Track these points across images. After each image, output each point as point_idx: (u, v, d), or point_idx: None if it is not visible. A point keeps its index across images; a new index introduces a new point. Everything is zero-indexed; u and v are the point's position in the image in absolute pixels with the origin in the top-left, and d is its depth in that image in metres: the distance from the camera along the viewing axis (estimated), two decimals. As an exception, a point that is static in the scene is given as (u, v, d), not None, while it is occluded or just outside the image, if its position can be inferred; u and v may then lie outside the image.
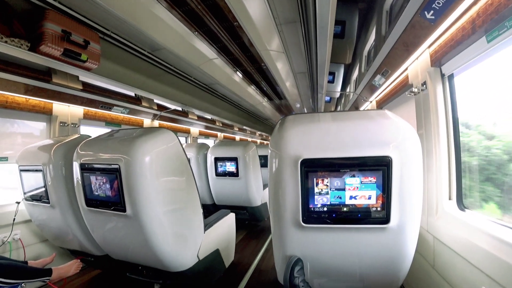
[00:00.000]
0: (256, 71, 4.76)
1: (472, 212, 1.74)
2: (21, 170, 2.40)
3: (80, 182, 1.96)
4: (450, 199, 1.89)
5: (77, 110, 3.43)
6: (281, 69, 4.54)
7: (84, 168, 1.92)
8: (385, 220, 1.32)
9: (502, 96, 1.60)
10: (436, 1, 1.41)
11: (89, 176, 1.91)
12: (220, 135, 9.10)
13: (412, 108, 2.28)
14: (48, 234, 2.60)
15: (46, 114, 3.08)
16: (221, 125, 8.11)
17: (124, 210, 1.77)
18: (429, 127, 1.96)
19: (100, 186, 1.87)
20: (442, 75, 1.89)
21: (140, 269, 2.17)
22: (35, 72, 2.64)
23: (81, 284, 2.72)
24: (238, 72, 4.71)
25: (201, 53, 3.48)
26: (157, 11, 2.48)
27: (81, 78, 3.17)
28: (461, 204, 1.84)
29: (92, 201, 1.94)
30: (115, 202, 1.82)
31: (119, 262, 2.22)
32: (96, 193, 1.91)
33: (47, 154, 2.21)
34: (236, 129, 9.87)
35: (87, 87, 3.27)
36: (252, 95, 6.17)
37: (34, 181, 2.32)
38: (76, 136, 2.43)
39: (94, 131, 3.89)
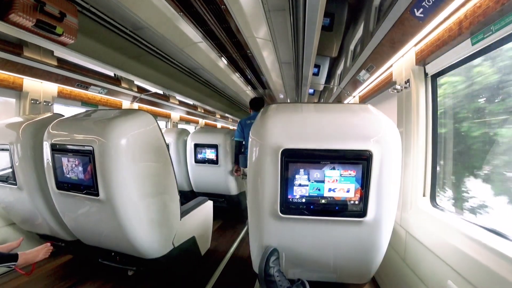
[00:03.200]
0: (241, 58, 4.68)
1: (443, 209, 1.81)
2: None
3: (50, 164, 1.86)
4: (424, 195, 1.95)
5: (51, 88, 3.24)
6: (267, 57, 4.49)
7: (55, 149, 1.81)
8: (362, 213, 1.34)
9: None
10: (426, 0, 1.41)
11: (60, 157, 1.81)
12: (202, 121, 8.97)
13: (394, 105, 2.31)
14: (15, 217, 2.48)
15: (15, 90, 2.88)
16: (203, 111, 7.99)
17: (97, 194, 1.70)
18: (409, 125, 2.00)
19: (72, 168, 1.78)
20: (426, 74, 1.92)
21: (113, 255, 2.12)
22: (4, 43, 2.45)
23: (50, 270, 2.63)
24: (223, 58, 4.61)
25: (185, 36, 3.37)
26: (141, -13, 2.36)
27: (56, 53, 2.98)
28: (434, 201, 1.90)
29: (63, 184, 1.85)
30: (88, 186, 1.74)
31: (91, 248, 2.15)
32: (68, 176, 1.82)
33: (15, 133, 2.07)
34: (218, 116, 9.76)
35: (63, 63, 3.08)
36: (236, 83, 6.09)
37: (0, 161, 2.18)
38: (48, 114, 2.29)
39: (71, 112, 3.71)
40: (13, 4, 1.94)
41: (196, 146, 3.98)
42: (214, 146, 3.86)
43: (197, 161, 4.02)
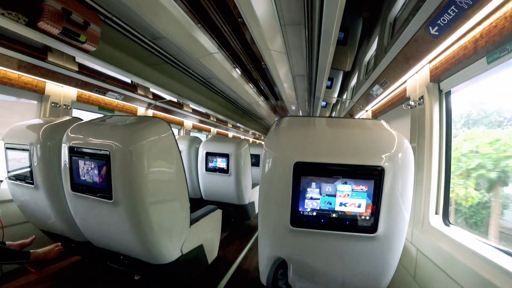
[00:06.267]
0: (255, 69, 4.76)
1: (456, 228, 1.77)
2: (7, 148, 2.33)
3: (67, 166, 1.92)
4: (436, 213, 1.92)
5: (71, 92, 3.35)
6: (281, 70, 4.54)
7: (72, 151, 1.87)
8: (373, 229, 1.33)
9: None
10: (442, 18, 1.42)
11: (77, 160, 1.86)
12: (214, 130, 9.06)
13: (407, 121, 2.30)
14: (30, 216, 2.54)
15: (38, 93, 3.00)
16: (215, 120, 8.08)
17: (111, 198, 1.74)
18: (423, 141, 1.98)
19: (88, 171, 1.83)
20: (440, 91, 1.91)
21: (121, 258, 2.14)
22: (30, 48, 2.56)
23: (59, 269, 2.67)
24: (237, 69, 4.69)
25: (202, 46, 3.45)
26: (162, -1, 2.45)
27: (78, 59, 3.10)
28: (446, 220, 1.86)
29: (78, 186, 1.90)
30: (102, 189, 1.78)
31: (100, 250, 2.18)
32: (83, 178, 1.86)
33: (35, 134, 2.15)
34: (229, 125, 9.84)
35: (83, 69, 3.20)
36: (248, 93, 6.16)
37: (20, 160, 2.26)
38: (67, 118, 2.37)
39: (88, 116, 3.82)
40: (43, 12, 2.05)
41: (208, 154, 4.02)
42: (225, 156, 3.89)
43: (208, 169, 4.05)
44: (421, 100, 2.01)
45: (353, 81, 4.80)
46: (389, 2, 2.57)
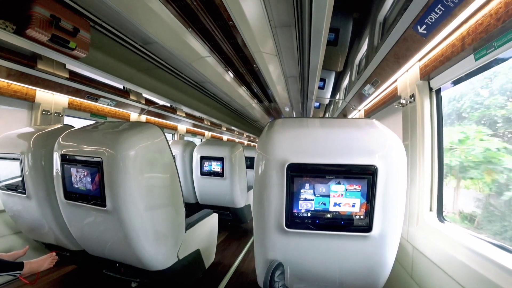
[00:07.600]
0: (247, 72, 4.76)
1: (450, 224, 1.78)
2: None
3: (59, 174, 1.89)
4: (430, 210, 1.93)
5: (62, 99, 3.32)
6: (273, 72, 4.55)
7: (64, 159, 1.85)
8: (368, 228, 1.33)
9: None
10: (429, 17, 1.44)
11: (69, 168, 1.84)
12: (208, 134, 9.03)
13: (399, 119, 2.32)
14: (22, 226, 2.50)
15: (28, 101, 2.96)
16: (209, 124, 8.06)
17: (104, 205, 1.72)
18: (415, 138, 2.00)
19: (81, 179, 1.81)
20: (430, 89, 1.93)
21: (117, 266, 2.12)
22: (19, 56, 2.54)
23: (54, 279, 2.63)
24: (229, 72, 4.69)
25: (193, 50, 3.45)
26: (152, 3, 2.44)
27: (68, 66, 3.08)
28: (441, 216, 1.88)
29: (71, 194, 1.88)
30: (95, 196, 1.76)
31: (95, 258, 2.15)
32: (76, 186, 1.84)
33: (26, 143, 2.12)
34: (224, 129, 9.83)
35: (74, 75, 3.17)
36: (242, 96, 6.16)
37: (11, 170, 2.22)
38: (59, 125, 2.35)
39: (80, 123, 3.78)
40: (31, 20, 2.03)
41: (202, 158, 4.00)
42: (220, 159, 3.88)
43: (202, 173, 4.03)
44: (412, 98, 2.03)
45: (345, 81, 4.83)
46: (378, 2, 2.60)
